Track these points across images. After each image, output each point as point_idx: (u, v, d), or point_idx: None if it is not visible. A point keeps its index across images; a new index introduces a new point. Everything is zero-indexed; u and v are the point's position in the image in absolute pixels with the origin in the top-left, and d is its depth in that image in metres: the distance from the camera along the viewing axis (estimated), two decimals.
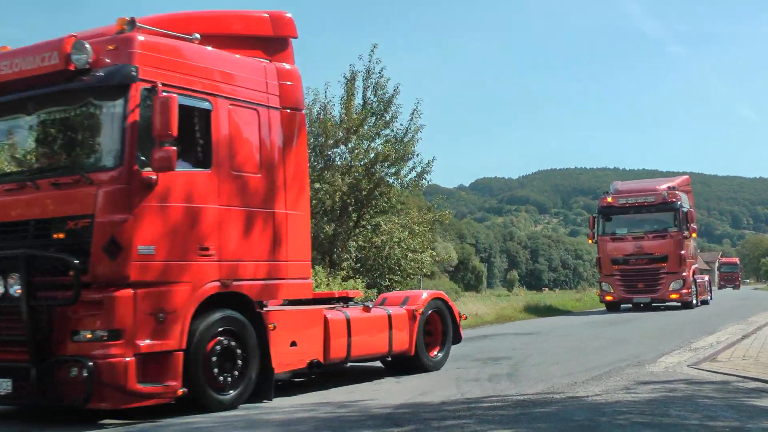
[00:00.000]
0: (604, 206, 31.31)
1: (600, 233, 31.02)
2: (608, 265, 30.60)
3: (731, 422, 7.64)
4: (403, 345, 12.16)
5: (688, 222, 30.32)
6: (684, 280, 29.56)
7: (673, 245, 29.56)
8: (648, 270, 29.73)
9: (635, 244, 30.16)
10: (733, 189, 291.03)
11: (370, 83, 26.78)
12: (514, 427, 7.53)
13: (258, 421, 8.62)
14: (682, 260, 29.37)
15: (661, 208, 30.06)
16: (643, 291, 29.91)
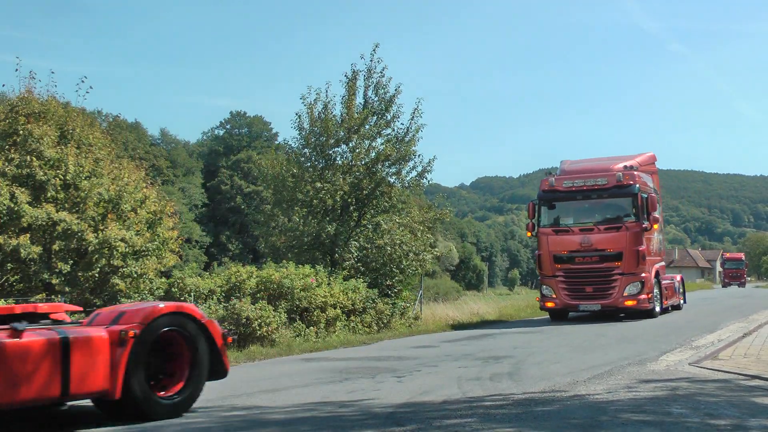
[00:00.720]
0: (546, 191, 24.82)
1: (540, 224, 24.80)
2: (550, 263, 24.42)
3: (733, 420, 7.63)
4: (94, 383, 8.42)
5: (648, 210, 23.96)
6: (643, 283, 23.56)
7: (630, 239, 23.53)
8: (598, 270, 23.74)
9: (583, 238, 24.00)
10: (734, 187, 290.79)
11: (371, 82, 26.76)
12: (516, 425, 7.53)
13: (259, 420, 8.62)
14: (640, 258, 23.42)
15: (616, 193, 23.93)
16: (591, 296, 23.88)
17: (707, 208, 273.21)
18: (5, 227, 16.62)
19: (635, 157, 26.16)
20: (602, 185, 24.00)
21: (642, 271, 23.49)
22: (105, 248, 16.98)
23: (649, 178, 26.09)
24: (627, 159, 25.59)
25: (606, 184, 23.95)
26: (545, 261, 24.51)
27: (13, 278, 17.11)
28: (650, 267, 24.18)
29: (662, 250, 27.08)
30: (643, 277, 23.50)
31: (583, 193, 24.21)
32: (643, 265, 23.49)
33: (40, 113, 18.34)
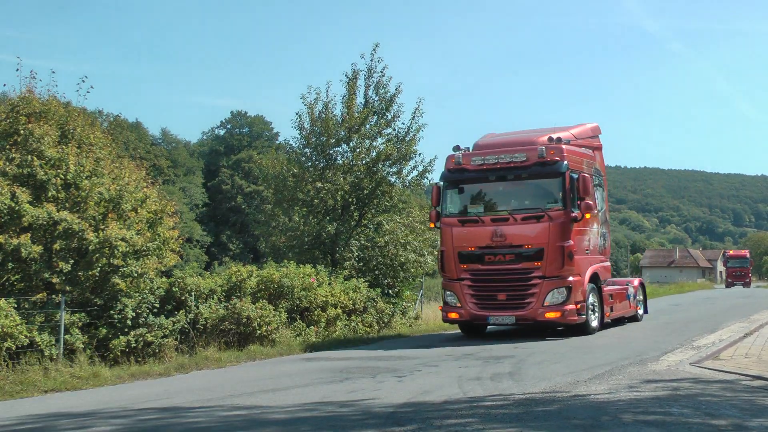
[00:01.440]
0: (451, 170, 19.29)
1: (444, 213, 19.33)
2: (454, 263, 18.91)
3: (734, 420, 7.63)
4: None
5: (580, 195, 18.30)
6: (569, 289, 17.99)
7: (553, 233, 17.97)
8: (513, 272, 18.28)
9: (495, 230, 18.41)
10: (735, 187, 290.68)
11: (371, 82, 26.76)
12: (517, 426, 7.53)
13: (259, 420, 8.62)
14: (566, 256, 17.99)
15: (537, 172, 18.38)
16: (504, 306, 18.38)
17: (708, 207, 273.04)
18: (6, 227, 16.61)
19: (571, 128, 20.75)
20: (520, 162, 18.43)
21: (569, 273, 17.99)
22: (105, 248, 16.98)
23: (590, 154, 20.53)
24: (561, 130, 20.09)
25: (525, 161, 18.36)
26: (448, 260, 18.94)
27: (14, 277, 17.10)
28: (583, 269, 18.55)
29: (606, 247, 20.84)
30: (570, 282, 17.98)
31: (497, 173, 18.67)
32: (570, 266, 17.98)
33: (40, 113, 18.31)
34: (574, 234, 18.27)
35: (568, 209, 18.06)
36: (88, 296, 17.41)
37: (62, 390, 13.00)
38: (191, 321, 17.99)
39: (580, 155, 19.48)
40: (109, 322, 17.16)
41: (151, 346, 16.94)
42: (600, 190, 20.69)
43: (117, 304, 17.25)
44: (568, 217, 18.07)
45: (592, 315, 18.84)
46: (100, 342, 16.85)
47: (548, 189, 18.44)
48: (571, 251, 18.03)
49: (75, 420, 9.24)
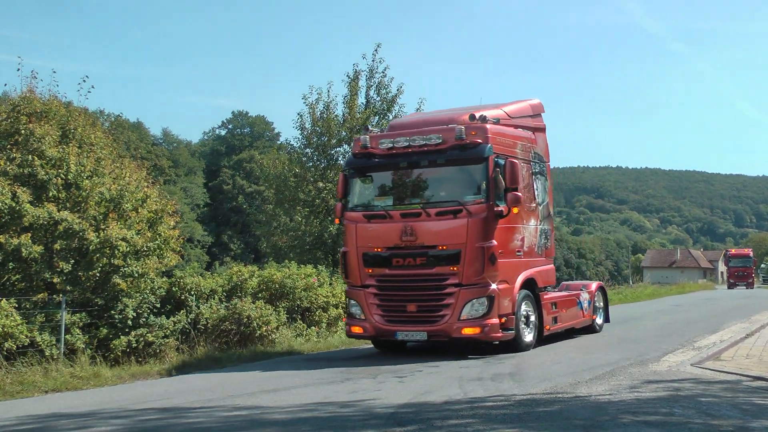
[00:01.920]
0: (357, 154, 16.14)
1: (348, 206, 16.05)
2: (358, 267, 15.67)
3: (735, 421, 7.62)
4: None
5: (507, 185, 15.00)
6: (491, 300, 14.71)
7: (473, 231, 14.71)
8: (424, 279, 15.11)
9: (405, 227, 15.19)
10: (736, 187, 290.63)
11: (373, 82, 26.83)
12: (518, 426, 7.52)
13: (261, 420, 8.62)
14: (487, 260, 14.68)
15: (455, 156, 15.09)
16: (414, 319, 15.19)
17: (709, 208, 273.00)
18: (7, 226, 16.63)
19: (504, 105, 17.25)
20: (435, 146, 15.24)
21: (492, 280, 14.70)
22: (106, 248, 17.00)
23: (528, 136, 17.06)
24: (493, 107, 16.83)
25: (441, 143, 15.18)
26: (351, 263, 15.74)
27: (15, 277, 17.12)
28: (511, 274, 15.33)
29: (548, 248, 17.29)
30: (492, 291, 14.68)
31: (408, 158, 15.54)
32: (492, 271, 14.70)
33: (41, 113, 18.34)
34: (500, 232, 14.90)
35: (491, 202, 14.69)
36: (88, 296, 17.43)
37: (63, 390, 13.00)
38: (192, 321, 18.00)
39: (513, 137, 16.12)
40: (110, 322, 17.17)
41: (152, 347, 16.96)
42: (542, 180, 17.20)
43: (118, 304, 17.27)
44: (491, 211, 14.71)
45: (526, 328, 15.56)
46: (100, 342, 16.87)
47: (468, 177, 15.11)
48: (493, 253, 14.64)
49: (75, 420, 9.24)
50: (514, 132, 16.42)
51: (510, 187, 14.93)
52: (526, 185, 16.10)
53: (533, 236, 16.44)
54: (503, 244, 15.04)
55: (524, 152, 16.37)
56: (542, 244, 16.92)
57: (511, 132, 16.25)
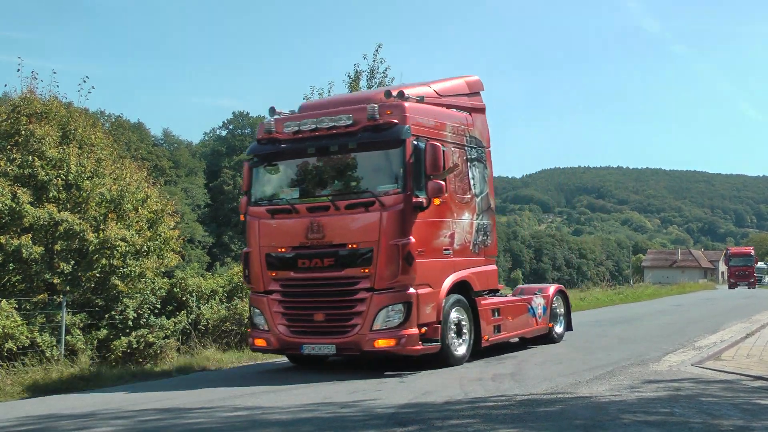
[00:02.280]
0: (262, 140, 13.97)
1: (252, 200, 14.14)
2: (261, 270, 13.62)
3: (735, 421, 7.62)
4: None
5: (428, 172, 12.86)
6: (408, 307, 12.54)
7: (387, 226, 12.61)
8: (332, 283, 13.03)
9: (312, 223, 13.13)
10: (737, 187, 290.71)
11: (374, 83, 26.70)
12: (518, 426, 7.52)
13: (261, 420, 8.62)
14: (402, 260, 12.55)
15: (367, 140, 12.97)
16: (322, 330, 13.09)
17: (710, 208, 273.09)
18: (7, 227, 16.64)
19: (434, 82, 15.09)
20: (345, 128, 13.13)
21: (410, 283, 12.56)
22: (106, 248, 17.01)
23: (461, 116, 14.81)
24: (419, 85, 14.78)
25: (351, 125, 13.08)
26: (254, 265, 13.69)
27: (15, 278, 17.13)
28: (436, 276, 13.14)
29: (488, 245, 14.96)
30: (410, 296, 12.51)
31: (316, 143, 13.40)
32: (410, 273, 12.53)
33: (42, 113, 18.35)
34: (420, 227, 12.79)
35: (408, 192, 12.57)
36: (89, 297, 17.44)
37: (63, 391, 12.99)
38: (192, 322, 18.01)
39: (440, 117, 13.99)
40: (111, 323, 17.18)
41: (153, 347, 16.96)
42: (480, 167, 14.99)
43: (118, 304, 17.27)
44: (408, 203, 12.57)
45: (457, 339, 13.39)
46: (101, 343, 16.88)
47: (383, 164, 13.05)
48: (410, 252, 12.51)
49: (76, 421, 9.24)
50: (443, 112, 14.24)
51: (431, 175, 12.81)
52: (459, 173, 14.05)
53: (467, 232, 14.18)
54: (425, 241, 12.89)
55: (456, 135, 14.25)
56: (480, 241, 14.65)
57: (439, 112, 14.06)
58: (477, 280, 14.24)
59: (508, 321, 15.11)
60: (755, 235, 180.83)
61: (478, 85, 15.91)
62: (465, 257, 14.10)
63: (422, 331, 12.59)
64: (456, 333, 13.38)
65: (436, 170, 12.82)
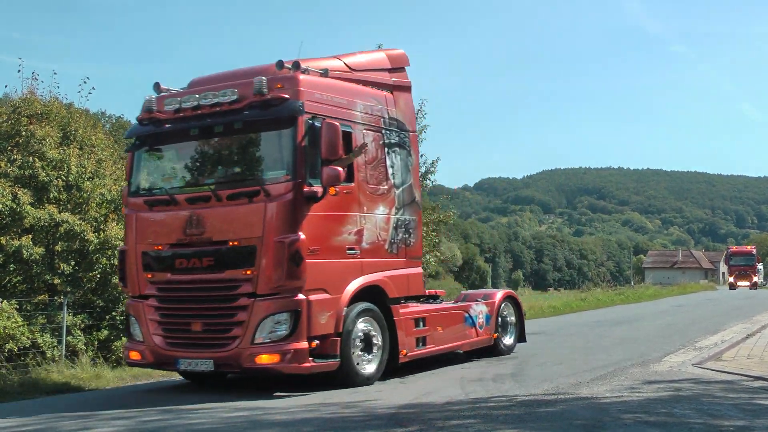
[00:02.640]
0: (142, 120, 12.13)
1: (131, 190, 12.23)
2: (136, 271, 11.82)
3: (736, 421, 7.62)
4: None
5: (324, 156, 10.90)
6: (296, 316, 10.65)
7: (271, 220, 10.74)
8: (211, 287, 11.23)
9: (191, 217, 11.31)
10: (738, 188, 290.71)
11: None
12: (519, 427, 7.52)
13: (261, 421, 8.62)
14: (288, 260, 10.61)
15: (253, 118, 11.09)
16: (200, 342, 11.22)
17: (711, 209, 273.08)
18: (8, 228, 16.65)
19: (348, 55, 13.05)
20: (230, 104, 11.21)
21: (298, 287, 10.65)
22: (106, 248, 17.01)
23: (377, 94, 12.75)
24: (329, 58, 12.69)
25: (236, 101, 11.17)
26: (129, 266, 11.87)
27: (16, 279, 17.14)
28: (335, 280, 11.18)
29: (410, 245, 12.85)
30: (297, 304, 10.61)
31: (199, 122, 11.44)
32: (298, 276, 10.61)
33: (42, 114, 18.35)
34: (313, 222, 10.86)
35: (299, 180, 10.71)
36: (90, 297, 17.43)
37: (64, 391, 12.99)
38: None
39: (348, 94, 11.95)
40: (111, 323, 17.17)
41: None
42: (401, 154, 12.89)
43: (119, 305, 17.26)
44: (298, 192, 10.70)
45: (365, 355, 11.46)
46: (101, 343, 16.86)
47: (273, 146, 11.19)
48: (298, 250, 10.57)
49: (77, 422, 9.24)
50: (352, 88, 12.21)
51: (328, 160, 10.88)
52: (372, 160, 12.08)
53: (381, 229, 12.17)
54: (320, 238, 10.97)
55: (371, 116, 12.26)
56: (399, 239, 12.56)
57: (347, 88, 12.06)
58: (394, 284, 12.18)
59: (438, 332, 13.09)
60: (756, 235, 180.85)
61: (402, 59, 13.83)
62: (378, 258, 12.03)
63: (313, 345, 10.66)
64: (363, 348, 11.44)
65: (333, 154, 10.89)
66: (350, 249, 11.52)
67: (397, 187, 12.62)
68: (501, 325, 15.10)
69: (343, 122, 11.46)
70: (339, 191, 11.16)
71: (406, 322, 12.28)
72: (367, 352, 11.52)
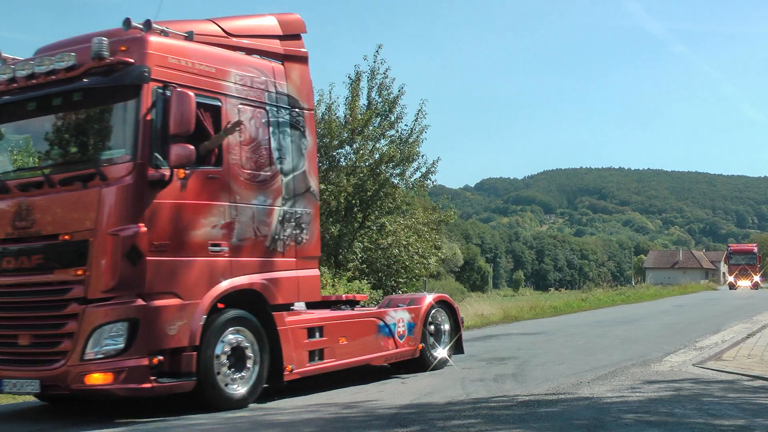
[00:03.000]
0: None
1: None
2: None
3: (737, 421, 7.63)
4: None
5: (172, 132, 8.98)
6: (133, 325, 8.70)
7: (107, 208, 8.85)
8: (38, 291, 9.17)
9: (20, 206, 9.38)
10: (738, 188, 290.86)
11: (374, 84, 26.74)
12: (520, 426, 7.53)
13: (263, 422, 8.63)
14: (123, 257, 8.72)
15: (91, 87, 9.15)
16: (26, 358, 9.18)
17: (711, 209, 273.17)
18: None
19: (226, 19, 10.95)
20: (66, 72, 9.29)
21: (135, 290, 8.85)
22: None
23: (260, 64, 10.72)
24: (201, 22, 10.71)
25: (73, 68, 9.26)
26: None
27: None
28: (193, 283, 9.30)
29: (301, 242, 10.84)
30: (135, 311, 8.80)
31: (35, 94, 9.56)
32: (135, 278, 8.84)
33: None
34: (161, 211, 9.08)
35: (140, 160, 8.95)
36: None
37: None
38: None
39: (218, 62, 9.99)
40: None
41: None
42: (293, 135, 10.92)
43: None
44: (140, 176, 8.93)
45: (233, 374, 9.52)
46: None
47: (114, 120, 9.40)
48: (134, 246, 8.80)
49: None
50: (225, 56, 10.20)
51: (178, 136, 9.05)
52: (251, 141, 10.16)
53: (261, 223, 10.21)
54: (171, 231, 9.15)
55: (249, 89, 10.30)
56: (287, 236, 10.60)
57: (217, 55, 10.05)
58: (277, 288, 10.26)
59: (340, 344, 11.21)
60: (756, 235, 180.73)
61: (296, 25, 11.64)
62: (256, 257, 10.10)
63: (156, 362, 8.76)
64: (231, 365, 9.52)
65: (182, 128, 9.01)
66: (214, 245, 9.52)
67: (285, 173, 10.64)
68: (433, 334, 13.17)
69: (208, 94, 9.61)
70: (203, 176, 9.43)
71: (295, 333, 10.40)
72: (238, 370, 9.58)
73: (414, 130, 26.71)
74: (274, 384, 10.20)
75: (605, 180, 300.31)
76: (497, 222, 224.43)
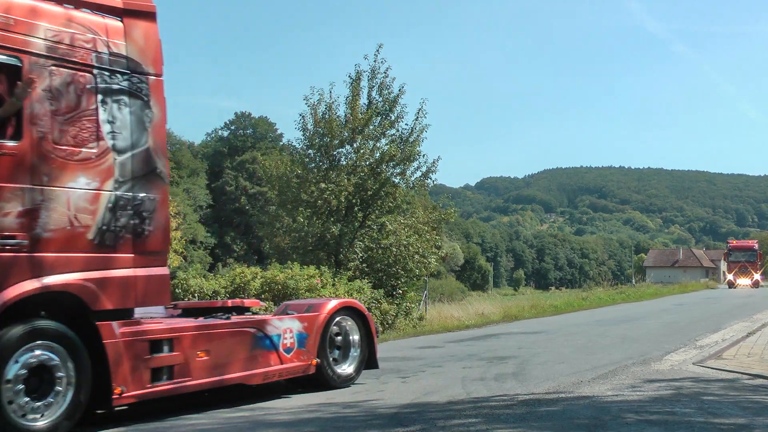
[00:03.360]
0: None
1: None
2: None
3: (737, 419, 7.64)
4: None
5: None
6: None
7: None
8: None
9: None
10: (738, 187, 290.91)
11: (375, 83, 26.72)
12: (521, 426, 7.54)
13: (263, 422, 8.64)
14: None
15: None
16: None
17: (711, 208, 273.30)
18: None
19: None
20: None
21: None
22: None
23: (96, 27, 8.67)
24: None
25: None
26: None
27: None
28: None
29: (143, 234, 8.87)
30: None
31: None
32: None
33: None
34: None
35: None
36: None
37: None
38: None
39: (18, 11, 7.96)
40: None
41: None
42: (133, 106, 9.07)
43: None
44: None
45: (34, 402, 7.52)
46: None
47: None
48: None
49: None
50: (29, 6, 8.10)
51: None
52: (68, 110, 8.27)
53: (81, 210, 8.26)
54: None
55: (67, 47, 8.35)
56: (120, 226, 8.66)
57: (16, 4, 7.96)
58: (104, 291, 8.31)
59: (200, 359, 9.22)
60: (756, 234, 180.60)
61: None
62: (73, 252, 8.12)
63: None
64: (33, 389, 7.55)
65: None
66: (6, 238, 7.57)
67: (119, 151, 8.75)
68: (340, 346, 11.36)
69: (4, 51, 7.73)
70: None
71: (131, 347, 8.41)
72: (42, 396, 7.60)
73: (414, 129, 26.71)
74: (103, 409, 8.45)
75: (605, 179, 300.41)
76: (498, 221, 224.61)
